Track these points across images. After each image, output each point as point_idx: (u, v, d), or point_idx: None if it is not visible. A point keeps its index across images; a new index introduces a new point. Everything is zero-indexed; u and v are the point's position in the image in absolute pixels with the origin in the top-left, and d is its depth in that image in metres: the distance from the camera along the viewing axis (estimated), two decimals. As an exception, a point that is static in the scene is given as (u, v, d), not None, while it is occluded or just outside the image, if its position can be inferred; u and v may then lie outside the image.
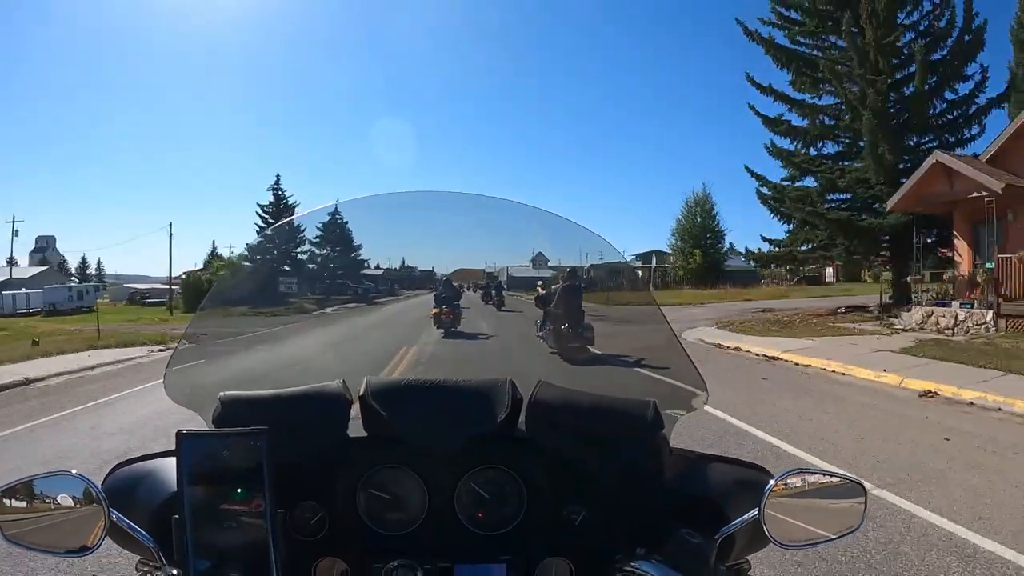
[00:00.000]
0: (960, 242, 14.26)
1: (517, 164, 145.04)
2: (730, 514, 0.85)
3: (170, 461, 0.86)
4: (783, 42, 19.44)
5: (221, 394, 0.93)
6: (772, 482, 0.81)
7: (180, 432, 0.79)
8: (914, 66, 17.26)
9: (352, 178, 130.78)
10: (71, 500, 0.77)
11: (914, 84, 17.03)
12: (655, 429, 0.91)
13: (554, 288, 1.82)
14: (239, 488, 0.78)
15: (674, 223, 49.37)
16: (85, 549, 0.78)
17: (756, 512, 0.80)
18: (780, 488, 0.81)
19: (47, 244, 71.17)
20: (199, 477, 0.78)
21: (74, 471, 0.79)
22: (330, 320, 1.90)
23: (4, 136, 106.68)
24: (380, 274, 2.34)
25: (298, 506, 0.90)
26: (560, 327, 1.71)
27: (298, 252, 1.89)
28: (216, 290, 1.35)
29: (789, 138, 19.89)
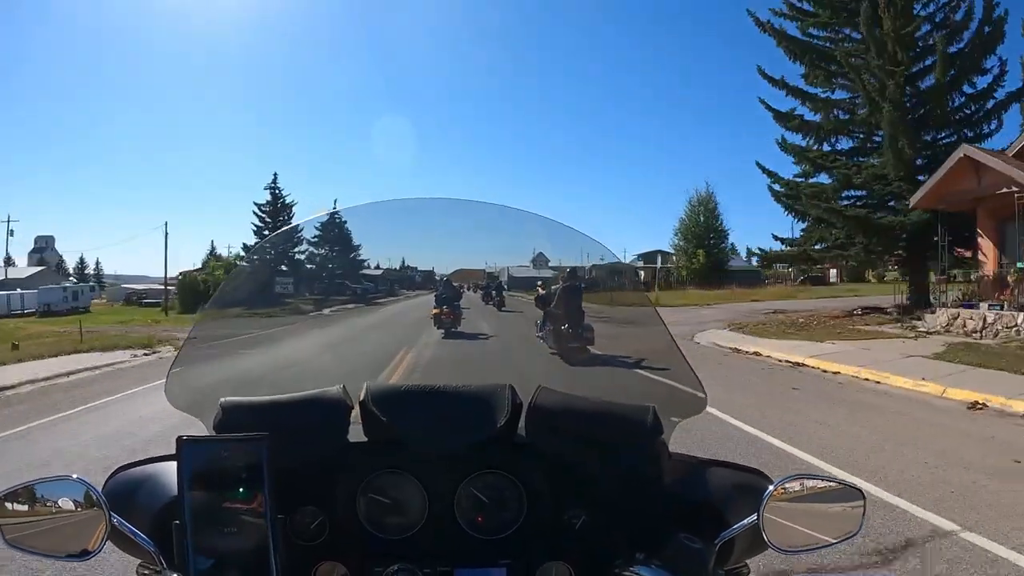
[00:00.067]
0: (984, 240, 13.95)
1: (517, 164, 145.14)
2: (729, 519, 0.87)
3: (171, 465, 0.87)
4: (795, 34, 19.21)
5: (222, 400, 0.95)
6: (771, 487, 0.83)
7: (180, 438, 0.81)
8: (930, 59, 17.05)
9: (352, 178, 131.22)
10: (72, 504, 0.79)
11: (933, 76, 16.73)
12: (654, 434, 0.93)
13: (554, 288, 1.84)
14: (239, 493, 0.80)
15: (677, 223, 49.24)
16: (86, 553, 0.79)
17: (755, 517, 0.82)
18: (779, 493, 0.83)
19: (46, 244, 71.67)
20: (200, 482, 0.80)
21: (75, 475, 0.81)
22: (328, 321, 1.91)
23: (4, 136, 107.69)
24: (380, 274, 2.36)
25: (298, 511, 0.92)
26: (560, 327, 1.73)
27: (296, 252, 1.91)
28: (217, 295, 1.38)
29: (801, 133, 19.62)
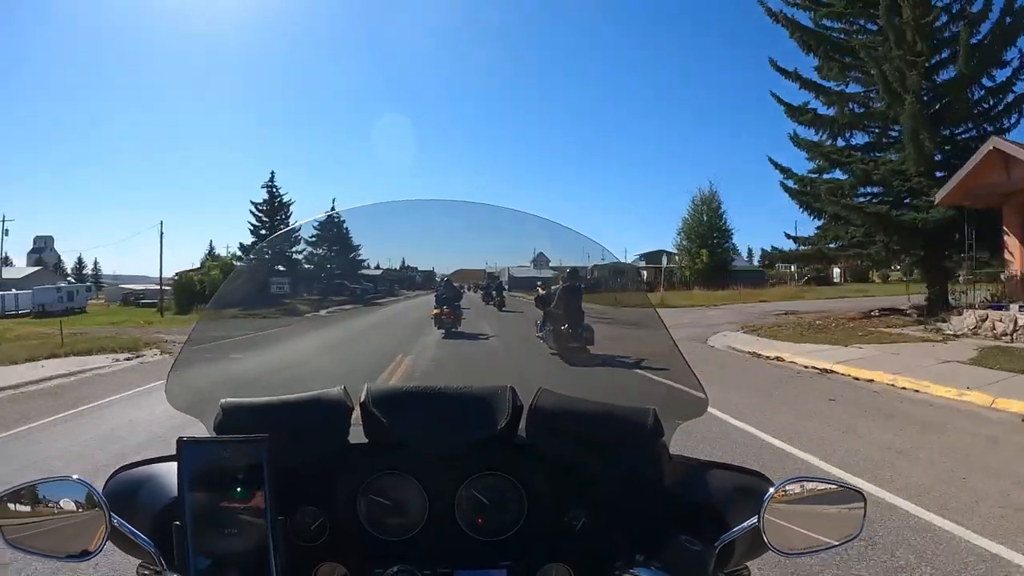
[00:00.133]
0: (1011, 239, 13.51)
1: (517, 164, 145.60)
2: (730, 521, 0.89)
3: (171, 466, 0.89)
4: (808, 25, 18.89)
5: (222, 401, 0.97)
6: (772, 490, 0.84)
7: (181, 439, 0.82)
8: (946, 51, 16.82)
9: (352, 178, 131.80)
10: (73, 504, 0.81)
11: (954, 68, 16.39)
12: (655, 436, 0.94)
13: (554, 289, 1.86)
14: (240, 494, 0.81)
15: (680, 222, 49.07)
16: (86, 554, 0.81)
17: (756, 519, 0.83)
18: (780, 495, 0.84)
19: (45, 244, 72.30)
20: (200, 483, 0.81)
21: (75, 476, 0.83)
22: (326, 322, 1.93)
23: (4, 136, 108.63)
24: (379, 274, 2.38)
25: (299, 512, 0.93)
26: (560, 328, 1.75)
27: (295, 253, 1.94)
28: (217, 295, 1.40)
29: (814, 128, 19.29)
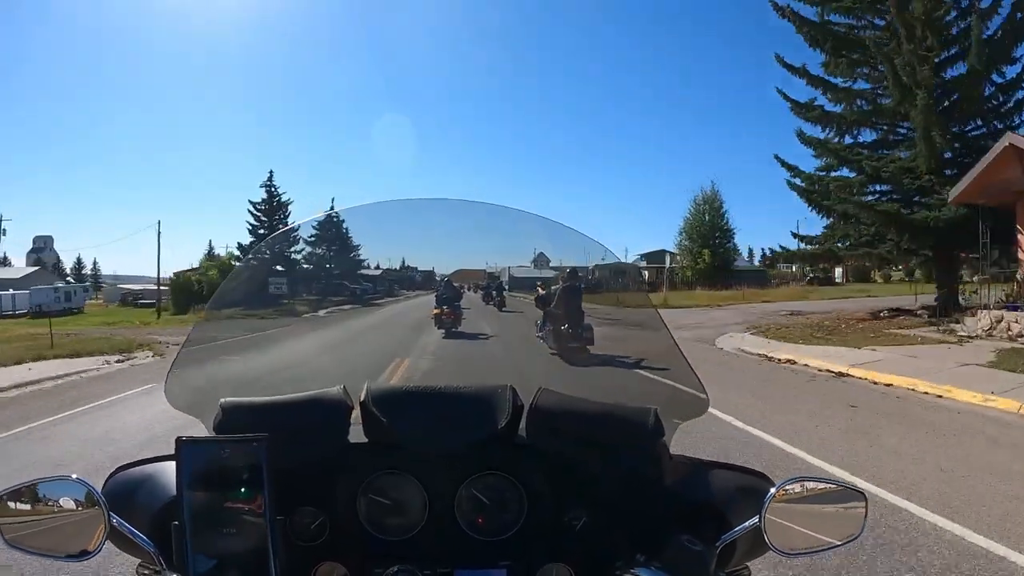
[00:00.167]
0: None
1: (517, 164, 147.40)
2: (731, 521, 0.89)
3: (170, 465, 0.89)
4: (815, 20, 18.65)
5: (222, 400, 0.98)
6: (773, 489, 0.85)
7: (180, 438, 0.83)
8: (954, 48, 16.64)
9: (352, 178, 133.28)
10: (72, 504, 0.81)
11: (965, 62, 16.18)
12: (656, 436, 0.94)
13: (554, 289, 1.87)
14: (239, 494, 0.82)
15: (681, 222, 49.27)
16: (85, 553, 0.82)
17: (757, 519, 0.84)
18: (781, 495, 0.84)
19: (44, 244, 72.78)
20: (199, 483, 0.82)
21: (74, 475, 0.83)
22: (323, 323, 1.94)
23: (4, 136, 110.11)
24: (379, 274, 2.39)
25: (298, 511, 0.94)
26: (560, 327, 1.76)
27: (294, 253, 1.94)
28: (217, 295, 1.41)
29: (821, 125, 19.12)
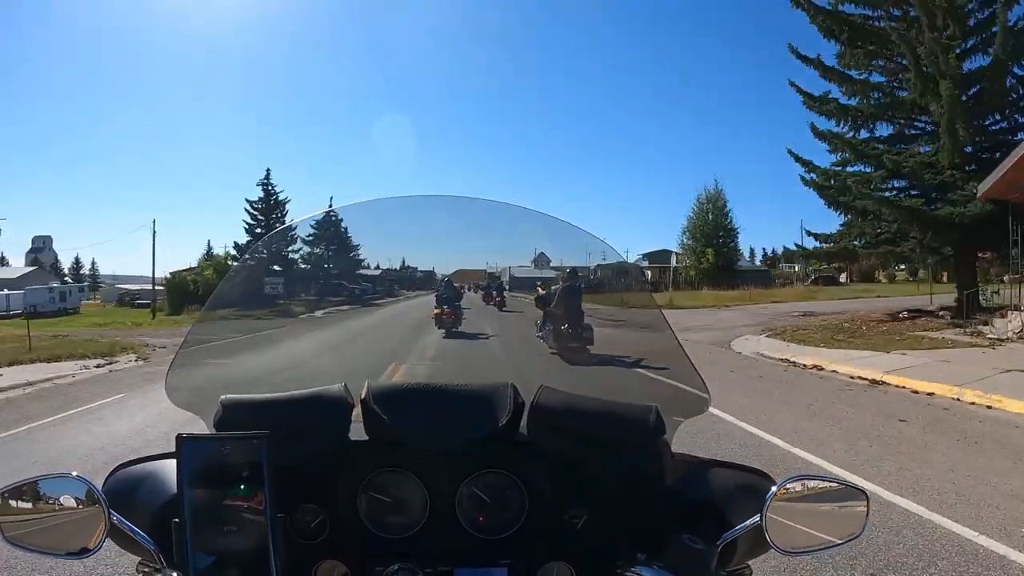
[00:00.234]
0: None
1: (517, 164, 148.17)
2: (732, 519, 0.90)
3: (171, 463, 0.90)
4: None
5: (222, 397, 0.98)
6: (774, 488, 0.85)
7: (180, 436, 0.83)
8: (973, 39, 16.36)
9: (351, 178, 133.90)
10: (73, 502, 0.82)
11: (988, 53, 15.89)
12: (657, 434, 0.95)
13: (554, 288, 1.88)
14: (239, 491, 0.82)
15: (685, 221, 49.40)
16: (86, 551, 0.82)
17: (758, 518, 0.84)
18: (782, 494, 0.85)
19: (44, 244, 72.88)
20: (199, 480, 0.82)
21: (75, 473, 0.84)
22: (321, 324, 1.94)
23: (4, 136, 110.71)
24: (378, 275, 2.40)
25: (299, 509, 0.95)
26: (559, 327, 1.78)
27: (292, 252, 1.94)
28: (215, 295, 1.42)
29: (835, 119, 18.62)
